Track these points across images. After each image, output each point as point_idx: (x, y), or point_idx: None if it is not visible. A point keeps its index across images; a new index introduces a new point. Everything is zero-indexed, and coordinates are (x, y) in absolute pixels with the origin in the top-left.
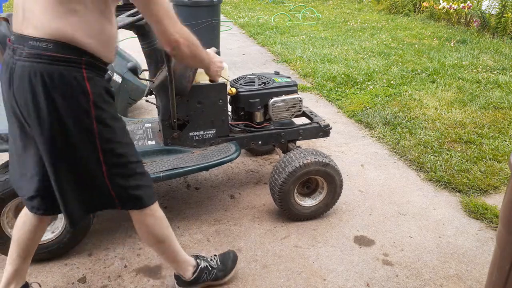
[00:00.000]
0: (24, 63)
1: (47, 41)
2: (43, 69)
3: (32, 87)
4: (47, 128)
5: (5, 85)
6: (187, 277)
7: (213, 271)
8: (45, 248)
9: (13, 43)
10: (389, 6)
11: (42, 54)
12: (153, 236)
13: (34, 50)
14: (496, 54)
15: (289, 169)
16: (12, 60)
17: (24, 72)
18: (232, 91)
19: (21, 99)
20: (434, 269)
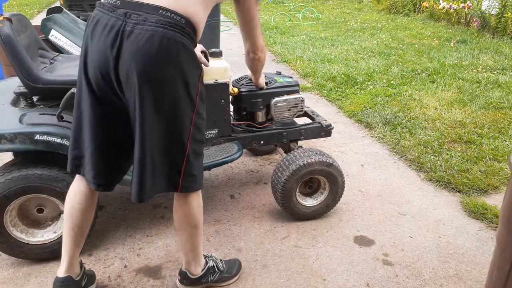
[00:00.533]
0: (154, 27)
1: (181, 16)
2: (175, 37)
3: (161, 50)
4: (161, 92)
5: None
6: (196, 273)
7: (217, 272)
8: (46, 248)
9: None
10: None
11: (176, 24)
12: (192, 218)
13: (168, 19)
14: (496, 54)
15: (292, 167)
16: (123, 23)
17: (154, 35)
18: (234, 91)
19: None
20: (434, 269)
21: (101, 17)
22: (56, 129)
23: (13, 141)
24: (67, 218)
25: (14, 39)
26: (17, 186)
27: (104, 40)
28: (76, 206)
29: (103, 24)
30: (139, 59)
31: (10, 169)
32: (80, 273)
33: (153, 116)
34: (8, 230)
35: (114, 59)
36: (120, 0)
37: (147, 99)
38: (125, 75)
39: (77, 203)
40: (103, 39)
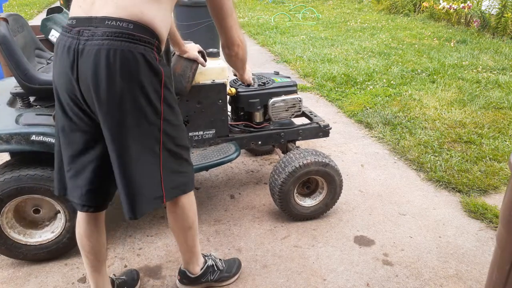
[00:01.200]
0: (100, 41)
1: (128, 21)
2: (122, 47)
3: (109, 64)
4: (119, 107)
5: (62, 71)
6: (195, 272)
7: (217, 271)
8: (45, 248)
9: (75, 26)
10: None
11: (122, 33)
12: (185, 220)
13: (113, 29)
14: (496, 54)
15: (289, 169)
16: (77, 42)
17: (100, 49)
18: (232, 91)
19: (91, 79)
20: (434, 269)
21: (61, 39)
22: (52, 130)
23: (9, 142)
24: (79, 247)
25: (10, 39)
26: (10, 187)
27: (64, 62)
28: (82, 233)
29: (62, 46)
30: (91, 77)
31: (2, 171)
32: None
33: (118, 132)
34: (6, 232)
35: (76, 80)
36: (75, 19)
37: (108, 117)
38: (86, 94)
39: (82, 230)
40: (64, 62)
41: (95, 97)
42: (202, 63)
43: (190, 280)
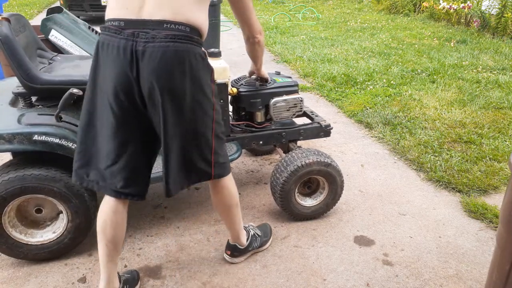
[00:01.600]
0: (164, 43)
1: (185, 25)
2: (185, 48)
3: (177, 64)
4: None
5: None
6: (243, 243)
7: (258, 238)
8: (46, 248)
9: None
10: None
11: (183, 36)
12: (231, 198)
13: (174, 32)
14: (496, 54)
15: (291, 168)
16: (134, 43)
17: (166, 51)
18: (233, 91)
19: (159, 78)
20: (434, 269)
21: (110, 41)
22: (54, 130)
23: (12, 142)
24: (100, 235)
25: (12, 39)
26: (14, 186)
27: (121, 62)
28: (108, 222)
29: (115, 47)
30: (158, 76)
31: (7, 170)
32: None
33: (179, 122)
34: (7, 231)
35: (135, 79)
36: (123, 21)
37: (171, 109)
38: (147, 92)
39: (108, 219)
40: (120, 62)
41: (159, 94)
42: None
43: (240, 251)
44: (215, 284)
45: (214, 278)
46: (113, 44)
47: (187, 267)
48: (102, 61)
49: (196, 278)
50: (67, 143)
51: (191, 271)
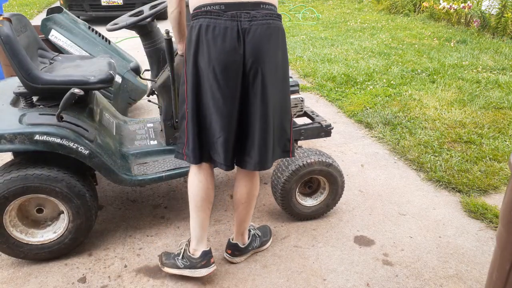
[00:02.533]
0: (265, 21)
1: (274, 5)
2: (279, 25)
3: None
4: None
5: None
6: (245, 242)
7: (258, 238)
8: (47, 248)
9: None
10: (389, 6)
11: (277, 14)
12: (257, 189)
13: (269, 11)
14: (496, 54)
15: (292, 167)
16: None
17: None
18: None
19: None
20: (434, 269)
21: (215, 23)
22: (55, 129)
23: (13, 141)
24: (202, 203)
25: (14, 39)
26: (16, 186)
27: (229, 41)
28: (210, 187)
29: (222, 28)
30: (261, 49)
31: (9, 169)
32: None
33: (273, 93)
34: (8, 231)
35: (242, 55)
36: (223, 5)
37: (269, 79)
38: (250, 65)
39: (209, 183)
40: (229, 41)
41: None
42: None
43: (241, 250)
44: (215, 284)
45: (214, 278)
46: (220, 26)
47: None
48: (206, 43)
49: (196, 278)
50: (68, 143)
51: None
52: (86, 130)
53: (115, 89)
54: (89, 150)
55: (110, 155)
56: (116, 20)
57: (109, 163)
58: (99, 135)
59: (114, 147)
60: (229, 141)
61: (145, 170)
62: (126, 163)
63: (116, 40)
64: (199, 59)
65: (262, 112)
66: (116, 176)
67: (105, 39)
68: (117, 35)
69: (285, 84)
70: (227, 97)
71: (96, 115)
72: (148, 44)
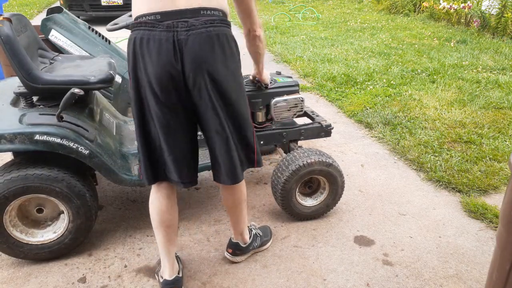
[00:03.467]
0: (205, 29)
1: (219, 10)
2: (223, 31)
3: (221, 46)
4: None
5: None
6: (246, 241)
7: (259, 237)
8: (46, 248)
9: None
10: (389, 6)
11: (220, 20)
12: (243, 194)
13: (211, 17)
14: (496, 54)
15: (292, 167)
16: (174, 33)
17: (209, 35)
18: None
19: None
20: (434, 269)
21: (150, 35)
22: (55, 129)
23: (13, 141)
24: (158, 225)
25: (14, 39)
26: (17, 186)
27: (165, 54)
28: (163, 209)
29: (157, 40)
30: (202, 60)
31: (9, 169)
32: (180, 267)
33: (225, 103)
34: (8, 230)
35: (181, 68)
36: (159, 14)
37: (218, 91)
38: (192, 79)
39: (163, 205)
40: (164, 54)
41: (207, 79)
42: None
43: (242, 249)
44: (215, 284)
45: (214, 278)
46: (154, 38)
47: (187, 267)
48: (142, 57)
49: (196, 278)
50: (68, 143)
51: (191, 271)
52: (86, 130)
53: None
54: (89, 150)
55: (110, 155)
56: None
57: (109, 163)
58: (99, 135)
59: (114, 147)
60: (180, 159)
61: None
62: (126, 163)
63: (116, 40)
64: (138, 75)
65: (217, 125)
66: (116, 176)
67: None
68: (117, 35)
69: (239, 93)
70: (170, 113)
71: (96, 115)
72: None
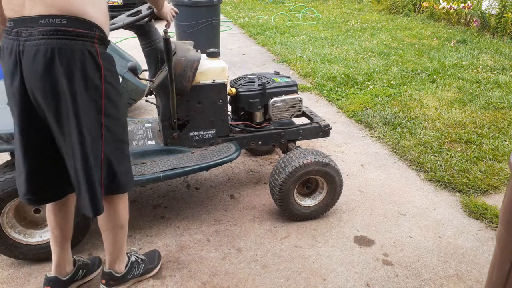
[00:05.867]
0: (37, 41)
1: (61, 17)
2: (59, 44)
3: (48, 63)
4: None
5: (9, 73)
6: (120, 270)
7: (141, 265)
8: (45, 248)
9: (13, 28)
10: (389, 6)
11: (57, 30)
12: (118, 219)
13: (47, 27)
14: (496, 54)
15: (289, 169)
16: (17, 43)
17: (39, 49)
18: (232, 91)
19: (35, 78)
20: (434, 269)
21: (4, 43)
22: None
23: (10, 142)
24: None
25: None
26: (11, 187)
27: (10, 65)
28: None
29: (7, 49)
30: (32, 76)
31: (3, 170)
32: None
33: (63, 128)
34: (6, 232)
35: (20, 81)
36: (12, 21)
37: (53, 114)
38: (31, 94)
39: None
40: (10, 65)
41: (39, 97)
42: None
43: (117, 279)
44: (215, 284)
45: (214, 278)
46: (5, 46)
47: (187, 267)
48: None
49: (196, 278)
50: None
51: (191, 271)
52: None
53: None
54: None
55: None
56: (114, 20)
57: None
58: None
59: None
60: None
61: (143, 170)
62: None
63: (116, 40)
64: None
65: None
66: None
67: None
68: (117, 35)
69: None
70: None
71: None
72: (146, 44)
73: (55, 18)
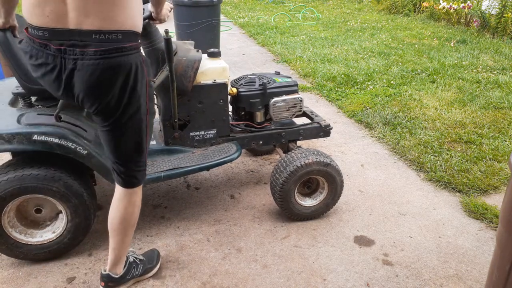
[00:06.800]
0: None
1: (116, 32)
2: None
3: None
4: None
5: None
6: (119, 272)
7: (140, 265)
8: (46, 248)
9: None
10: (389, 6)
11: (115, 49)
12: (131, 216)
13: (104, 45)
14: (496, 54)
15: (290, 168)
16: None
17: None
18: (233, 91)
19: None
20: (434, 269)
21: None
22: (54, 129)
23: (11, 142)
24: None
25: (11, 40)
26: (13, 187)
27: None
28: None
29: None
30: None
31: (6, 170)
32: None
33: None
34: (7, 231)
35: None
36: (46, 31)
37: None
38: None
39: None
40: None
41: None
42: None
43: (116, 281)
44: (215, 284)
45: (214, 278)
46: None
47: (187, 267)
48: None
49: (196, 278)
50: (67, 143)
51: (191, 271)
52: (84, 130)
53: None
54: (87, 150)
55: None
56: None
57: (107, 164)
58: (97, 135)
59: None
60: None
61: None
62: None
63: None
64: None
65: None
66: None
67: None
68: None
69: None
70: None
71: None
72: (147, 44)
73: (111, 34)
